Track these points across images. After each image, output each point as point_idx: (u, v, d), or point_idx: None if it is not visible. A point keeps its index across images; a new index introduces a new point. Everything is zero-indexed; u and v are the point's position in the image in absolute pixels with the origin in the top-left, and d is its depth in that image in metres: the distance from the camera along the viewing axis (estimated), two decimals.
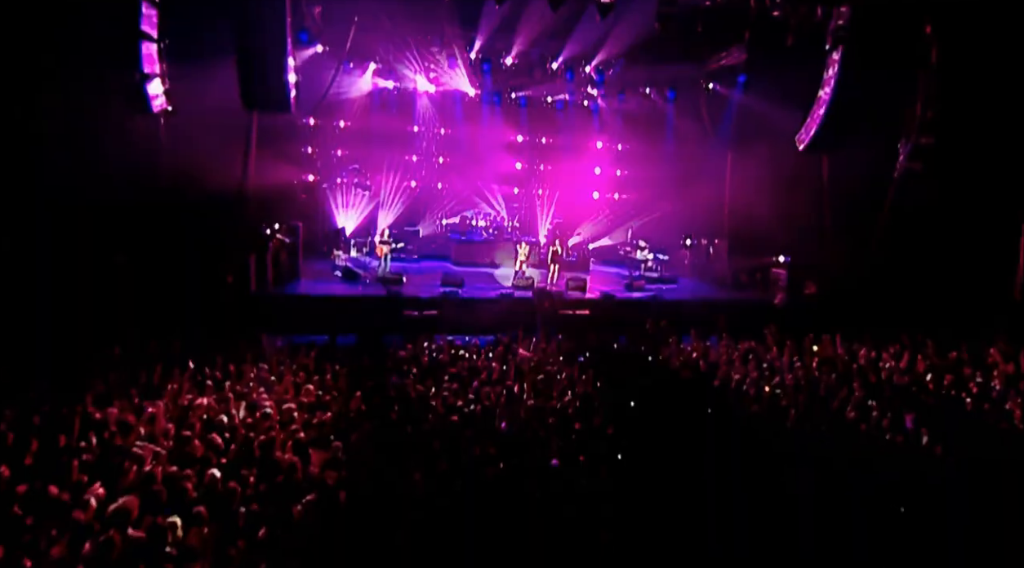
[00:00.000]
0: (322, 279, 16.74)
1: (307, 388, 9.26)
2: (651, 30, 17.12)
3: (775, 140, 17.84)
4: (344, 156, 22.91)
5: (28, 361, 9.16)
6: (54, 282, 10.78)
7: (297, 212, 19.56)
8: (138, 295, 12.06)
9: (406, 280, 16.86)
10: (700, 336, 14.47)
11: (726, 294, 17.94)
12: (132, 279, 12.48)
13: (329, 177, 22.29)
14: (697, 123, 20.53)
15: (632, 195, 24.61)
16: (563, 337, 13.44)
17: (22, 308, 10.54)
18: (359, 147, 22.58)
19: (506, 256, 20.86)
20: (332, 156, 22.66)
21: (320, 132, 22.16)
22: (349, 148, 22.69)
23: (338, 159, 22.75)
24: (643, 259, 19.57)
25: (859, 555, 6.07)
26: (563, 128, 24.11)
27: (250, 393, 8.94)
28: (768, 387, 10.45)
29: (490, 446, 7.49)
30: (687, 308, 16.16)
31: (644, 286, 17.78)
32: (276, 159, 18.27)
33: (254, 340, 11.72)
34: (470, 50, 18.91)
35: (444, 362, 11.21)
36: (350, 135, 22.66)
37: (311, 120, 21.65)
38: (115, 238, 11.80)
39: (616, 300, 16.05)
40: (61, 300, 10.88)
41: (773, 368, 11.60)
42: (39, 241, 10.76)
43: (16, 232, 10.94)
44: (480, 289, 16.52)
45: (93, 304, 10.89)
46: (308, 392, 9.17)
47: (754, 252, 19.00)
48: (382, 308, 14.26)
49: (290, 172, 19.88)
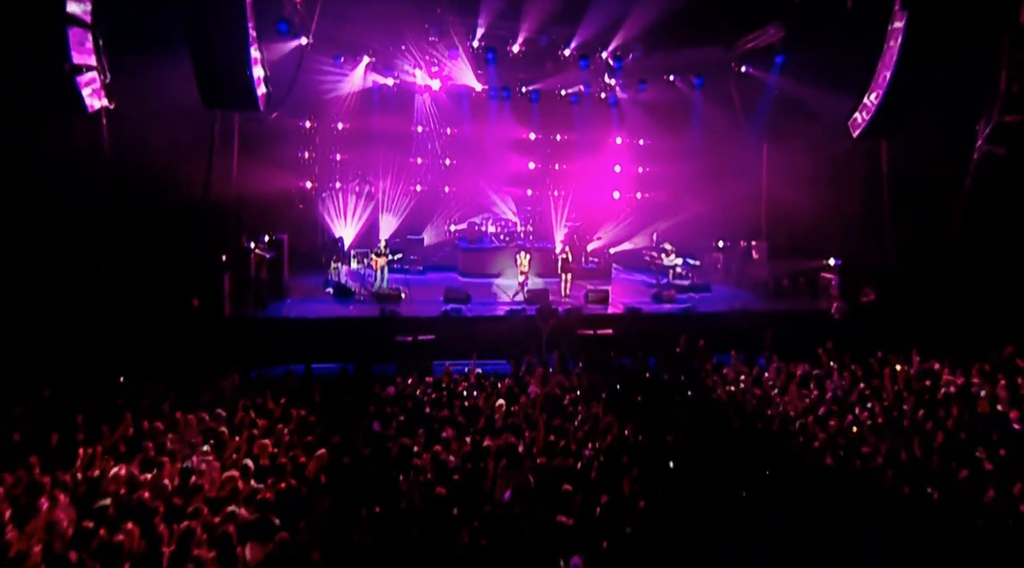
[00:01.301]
0: (312, 297, 14.99)
1: (263, 444, 7.45)
2: (672, 9, 15.12)
3: (820, 127, 15.70)
4: (344, 160, 21.28)
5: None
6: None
7: (291, 222, 18.01)
8: (87, 323, 10.41)
9: (405, 296, 15.06)
10: (743, 355, 12.44)
11: (768, 303, 15.78)
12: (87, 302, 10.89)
13: (328, 183, 20.69)
14: (728, 112, 18.40)
15: (656, 194, 22.52)
16: (583, 363, 11.49)
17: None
18: (359, 150, 20.89)
19: (509, 264, 19.00)
20: (331, 160, 21.01)
21: (317, 135, 20.53)
22: (349, 151, 21.02)
23: (337, 163, 21.11)
24: (671, 265, 17.49)
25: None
26: (579, 123, 22.11)
27: (190, 454, 7.15)
28: (839, 426, 8.38)
29: (482, 535, 5.58)
30: (726, 322, 14.09)
31: (675, 296, 15.72)
32: (266, 165, 16.68)
33: (219, 376, 9.96)
34: (471, 39, 17.04)
35: (439, 400, 9.33)
36: (349, 137, 20.99)
37: (307, 122, 20.09)
38: (55, 255, 10.17)
39: (643, 314, 14.02)
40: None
41: (839, 399, 9.51)
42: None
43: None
44: (487, 305, 14.64)
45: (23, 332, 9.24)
46: (264, 450, 7.37)
47: (798, 254, 16.83)
48: (375, 331, 12.44)
49: (284, 178, 18.28)
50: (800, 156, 16.55)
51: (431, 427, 8.25)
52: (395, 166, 21.02)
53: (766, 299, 16.23)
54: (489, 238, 20.27)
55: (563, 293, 15.75)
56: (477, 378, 10.41)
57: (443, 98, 21.18)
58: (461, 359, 12.35)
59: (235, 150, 14.95)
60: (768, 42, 16.82)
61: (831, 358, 11.56)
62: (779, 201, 17.38)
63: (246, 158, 15.13)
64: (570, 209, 22.12)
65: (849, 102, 14.02)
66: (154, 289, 11.51)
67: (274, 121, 16.70)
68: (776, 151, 17.87)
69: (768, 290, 16.77)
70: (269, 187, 16.82)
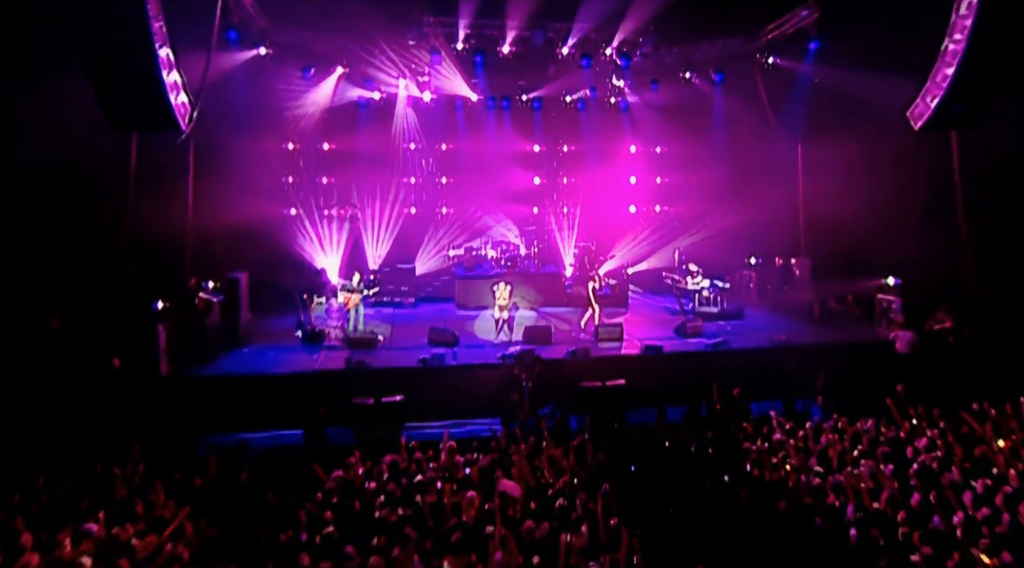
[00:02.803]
0: (278, 344, 12.93)
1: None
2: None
3: (868, 120, 13.22)
4: (331, 183, 19.43)
5: None
6: None
7: (266, 254, 16.06)
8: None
9: (383, 339, 12.92)
10: (790, 406, 9.99)
11: (815, 333, 13.19)
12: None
13: (312, 209, 18.82)
14: (755, 110, 15.99)
15: (678, 207, 20.16)
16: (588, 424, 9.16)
17: None
18: (347, 171, 19.11)
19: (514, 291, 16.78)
20: (317, 184, 19.16)
21: (300, 157, 18.72)
22: (336, 173, 19.20)
23: (324, 188, 19.25)
24: (696, 288, 15.03)
25: None
26: (587, 131, 19.98)
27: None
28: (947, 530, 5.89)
29: None
30: (765, 360, 11.60)
31: (701, 328, 13.27)
32: (242, 192, 14.88)
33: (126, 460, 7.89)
34: (455, 41, 15.01)
35: (392, 494, 7.10)
36: (335, 158, 19.18)
37: (289, 144, 18.30)
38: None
39: (663, 355, 11.61)
40: None
41: (932, 478, 6.98)
42: None
43: None
44: (478, 349, 12.37)
45: None
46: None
47: (847, 271, 14.26)
48: (334, 390, 10.28)
49: (261, 206, 16.43)
50: (843, 156, 14.09)
51: (370, 538, 6.03)
52: (386, 187, 19.17)
53: (812, 328, 13.64)
54: (489, 264, 18.08)
55: (581, 325, 13.48)
56: (449, 455, 8.14)
57: (436, 111, 19.27)
58: (439, 421, 10.17)
59: (191, 176, 13.17)
60: (799, 26, 14.49)
61: (905, 410, 9.01)
62: (820, 209, 14.87)
63: (212, 185, 13.30)
64: (580, 227, 19.92)
65: (906, 88, 11.54)
66: (69, 348, 9.55)
67: (251, 144, 14.99)
68: (814, 151, 15.40)
69: (813, 316, 14.19)
70: (243, 217, 15.06)
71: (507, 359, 11.12)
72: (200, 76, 10.63)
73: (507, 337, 12.99)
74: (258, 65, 13.83)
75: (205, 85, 11.86)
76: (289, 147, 18.16)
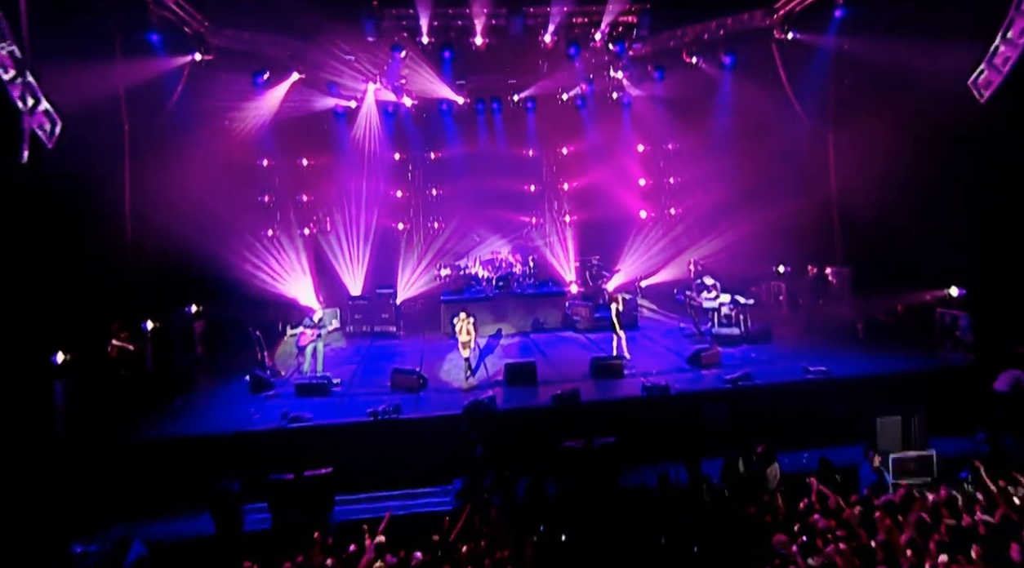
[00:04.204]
0: (226, 390, 11.16)
1: None
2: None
3: (910, 97, 10.88)
4: (311, 202, 17.81)
5: None
6: None
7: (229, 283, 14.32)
8: None
9: (339, 384, 11.01)
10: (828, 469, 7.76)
11: (861, 359, 10.78)
12: None
13: (290, 229, 17.18)
14: (774, 94, 13.66)
15: (691, 210, 17.89)
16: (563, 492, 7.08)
17: None
18: (326, 187, 17.47)
19: (507, 317, 14.80)
20: (298, 202, 17.55)
21: (276, 174, 17.13)
22: (314, 190, 17.55)
23: (303, 206, 17.61)
24: (711, 306, 12.76)
25: None
26: (588, 131, 17.96)
27: None
28: None
29: None
30: (799, 398, 9.33)
31: (719, 356, 11.03)
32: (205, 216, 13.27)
33: None
34: (419, 35, 13.10)
35: None
36: (313, 173, 17.56)
37: (264, 161, 16.71)
38: None
39: (670, 397, 9.41)
40: None
41: None
42: None
43: None
44: (449, 394, 10.35)
45: None
46: None
47: (894, 280, 11.85)
48: (261, 455, 8.37)
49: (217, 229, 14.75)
50: (883, 141, 11.74)
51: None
52: (366, 201, 17.40)
53: (856, 352, 11.23)
54: (479, 285, 16.05)
55: (624, 354, 11.47)
56: (377, 554, 6.13)
57: (420, 118, 17.48)
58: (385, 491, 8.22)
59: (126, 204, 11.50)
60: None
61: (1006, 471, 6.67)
62: (859, 206, 12.50)
63: (151, 205, 11.59)
64: (582, 237, 17.84)
65: (959, 54, 9.23)
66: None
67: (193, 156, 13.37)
68: (847, 138, 13.05)
69: (857, 335, 11.79)
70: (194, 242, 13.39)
71: (473, 410, 9.08)
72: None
73: (486, 375, 10.99)
74: (200, 72, 12.15)
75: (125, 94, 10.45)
76: (264, 164, 16.60)
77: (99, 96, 10.13)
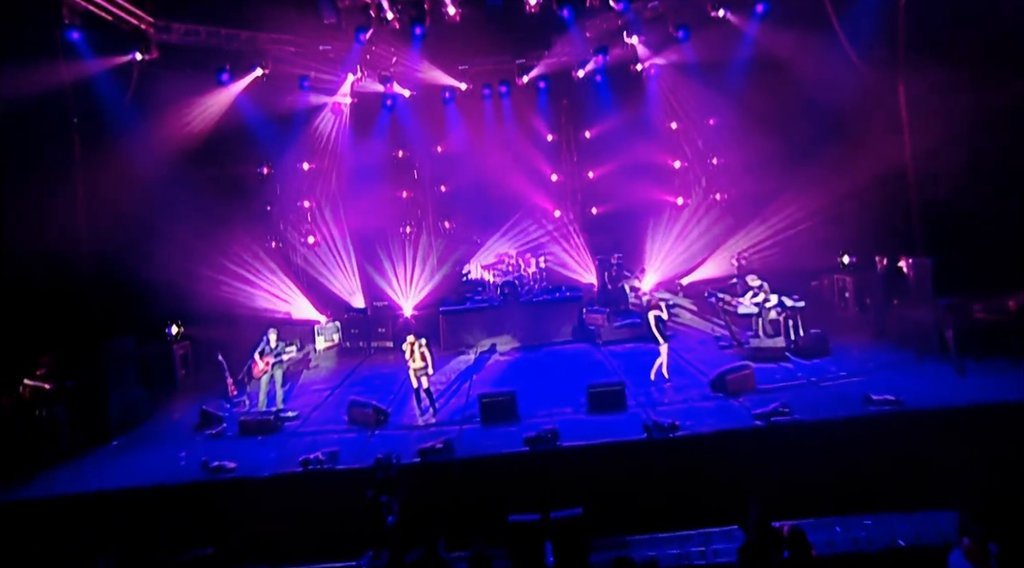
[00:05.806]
0: (178, 427, 9.84)
1: None
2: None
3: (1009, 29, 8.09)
4: (312, 208, 16.51)
5: None
6: None
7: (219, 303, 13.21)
8: None
9: (296, 416, 9.46)
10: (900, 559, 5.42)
11: (947, 381, 8.07)
12: None
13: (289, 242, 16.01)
14: (825, 43, 10.92)
15: (735, 196, 15.28)
16: None
17: None
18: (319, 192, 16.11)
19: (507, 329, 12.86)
20: (291, 210, 16.31)
21: (275, 182, 15.97)
22: (306, 196, 16.22)
23: (297, 213, 16.34)
24: (748, 311, 10.22)
25: None
26: (611, 111, 15.67)
27: None
28: None
29: None
30: (859, 444, 6.86)
31: (753, 380, 8.62)
32: None
33: None
34: (382, 12, 11.28)
35: None
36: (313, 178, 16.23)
37: (264, 169, 15.59)
38: None
39: (675, 440, 7.16)
40: None
41: None
42: None
43: None
44: (412, 433, 8.51)
45: None
46: None
47: (988, 275, 8.99)
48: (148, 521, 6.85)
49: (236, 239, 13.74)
50: (972, 95, 8.95)
51: None
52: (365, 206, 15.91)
53: (944, 370, 8.48)
54: (491, 291, 14.06)
55: (651, 375, 9.36)
56: None
57: (422, 108, 15.75)
58: None
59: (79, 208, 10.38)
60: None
61: None
62: (942, 180, 9.69)
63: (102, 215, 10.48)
64: (603, 233, 15.56)
65: None
66: None
67: None
68: (924, 93, 10.18)
69: (945, 347, 8.97)
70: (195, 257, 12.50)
71: (425, 457, 7.21)
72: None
73: (465, 403, 9.09)
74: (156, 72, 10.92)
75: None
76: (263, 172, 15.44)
77: (43, 99, 9.19)
